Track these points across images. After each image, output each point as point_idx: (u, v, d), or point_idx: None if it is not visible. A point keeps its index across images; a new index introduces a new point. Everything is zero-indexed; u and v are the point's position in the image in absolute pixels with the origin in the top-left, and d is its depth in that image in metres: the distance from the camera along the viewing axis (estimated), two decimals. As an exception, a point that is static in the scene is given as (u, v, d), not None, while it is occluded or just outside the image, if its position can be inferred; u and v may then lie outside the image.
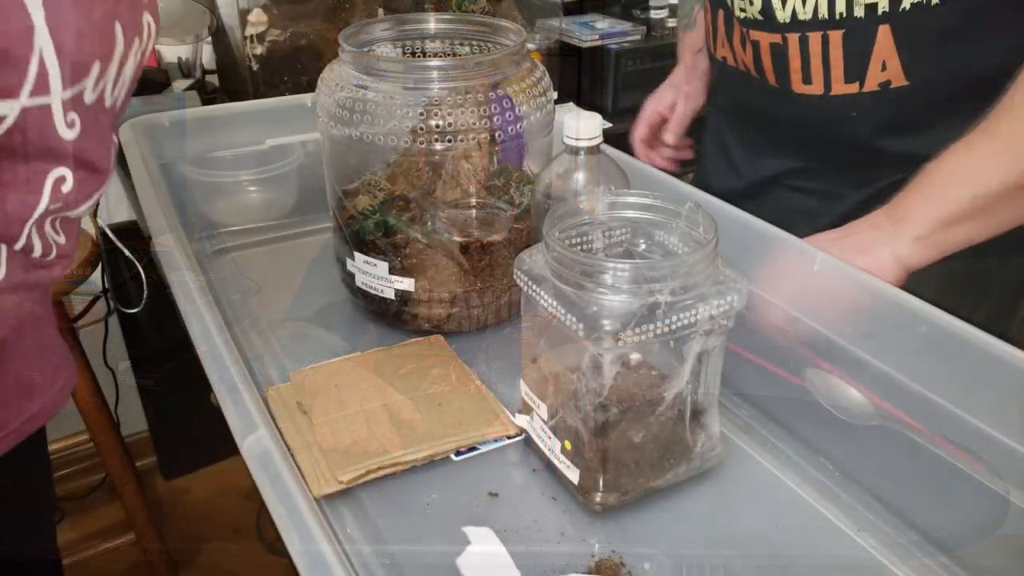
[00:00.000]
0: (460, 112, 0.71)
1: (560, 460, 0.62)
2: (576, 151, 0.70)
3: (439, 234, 0.76)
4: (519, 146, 0.79)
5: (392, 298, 0.79)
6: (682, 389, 0.59)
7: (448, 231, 0.76)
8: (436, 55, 0.87)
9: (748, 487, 0.64)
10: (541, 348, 0.62)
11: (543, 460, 0.64)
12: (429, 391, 0.71)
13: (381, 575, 0.55)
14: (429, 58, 0.86)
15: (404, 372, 0.74)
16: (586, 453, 0.60)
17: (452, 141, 0.72)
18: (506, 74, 0.74)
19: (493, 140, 0.74)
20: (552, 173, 0.72)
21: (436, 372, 0.74)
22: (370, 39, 0.83)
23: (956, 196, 0.66)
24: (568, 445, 0.61)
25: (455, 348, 0.78)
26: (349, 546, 0.57)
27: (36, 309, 0.55)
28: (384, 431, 0.66)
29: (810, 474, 0.65)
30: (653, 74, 1.67)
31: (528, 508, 0.61)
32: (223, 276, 0.93)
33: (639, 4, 1.85)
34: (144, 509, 1.40)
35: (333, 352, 0.77)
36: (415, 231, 0.76)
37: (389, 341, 0.79)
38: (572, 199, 0.65)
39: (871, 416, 0.61)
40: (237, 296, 0.88)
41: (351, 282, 0.82)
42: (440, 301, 0.78)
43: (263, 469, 0.49)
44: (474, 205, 0.77)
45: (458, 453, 0.65)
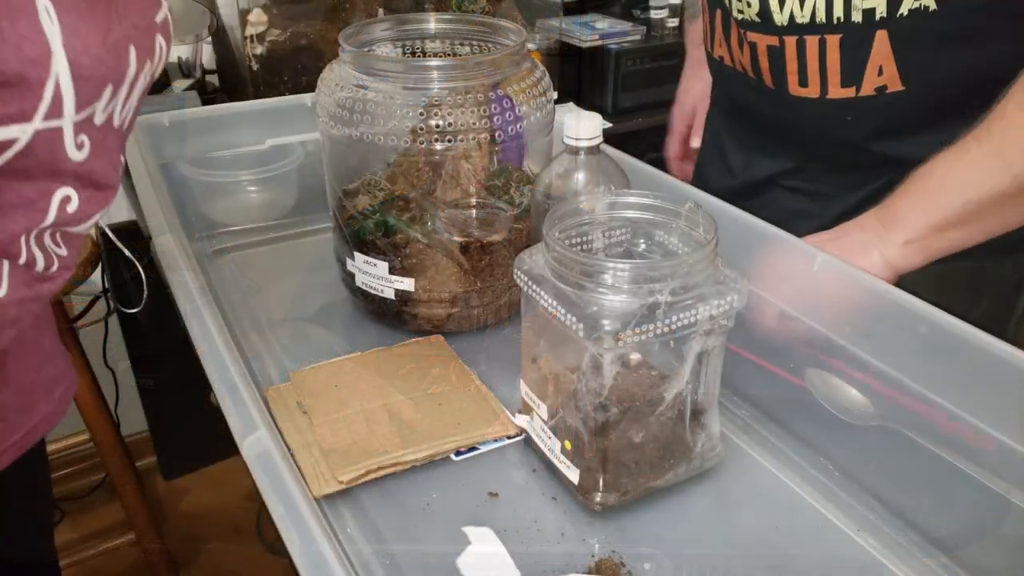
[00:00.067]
0: (460, 112, 0.71)
1: (560, 460, 0.62)
2: (576, 151, 0.70)
3: (439, 234, 0.76)
4: (519, 146, 0.79)
5: (392, 298, 0.79)
6: (682, 389, 0.59)
7: (448, 231, 0.76)
8: (436, 55, 0.87)
9: (748, 487, 0.64)
10: (541, 348, 0.62)
11: (543, 460, 0.64)
12: (429, 391, 0.71)
13: (381, 575, 0.55)
14: (429, 58, 0.86)
15: (404, 372, 0.74)
16: (586, 453, 0.59)
17: (452, 141, 0.72)
18: (506, 74, 0.74)
19: (493, 140, 0.74)
20: (552, 173, 0.72)
21: (436, 372, 0.74)
22: (370, 39, 0.83)
23: (947, 202, 0.66)
24: (568, 445, 0.61)
25: (455, 348, 0.78)
26: (349, 546, 0.57)
27: (36, 319, 0.55)
28: (384, 431, 0.66)
29: (810, 474, 0.65)
30: (653, 74, 1.68)
31: (528, 508, 0.61)
32: (223, 276, 0.93)
33: (639, 4, 1.85)
34: (144, 509, 1.40)
35: (333, 352, 0.77)
36: (415, 231, 0.76)
37: (389, 341, 0.79)
38: (572, 199, 0.65)
39: (871, 416, 0.61)
40: (237, 296, 0.88)
41: (351, 282, 0.82)
42: (440, 301, 0.78)
43: (263, 469, 0.49)
44: (474, 205, 0.77)
45: (458, 453, 0.65)
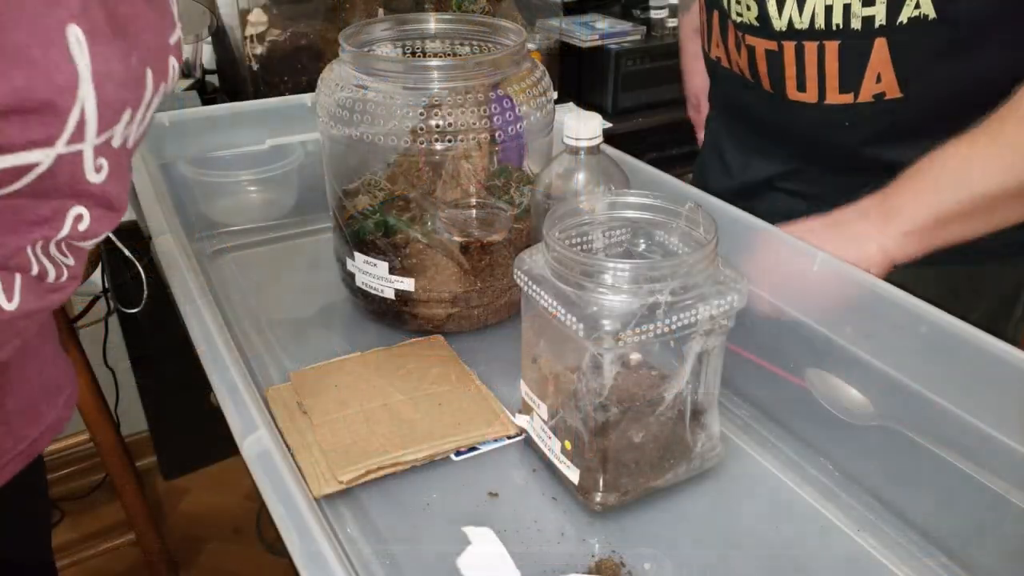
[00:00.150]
0: (460, 112, 0.71)
1: (560, 460, 0.62)
2: (576, 151, 0.70)
3: (439, 234, 0.76)
4: (519, 146, 0.79)
5: (392, 298, 0.79)
6: (682, 389, 0.59)
7: (448, 231, 0.76)
8: (436, 55, 0.87)
9: (748, 487, 0.64)
10: (541, 348, 0.62)
11: (543, 460, 0.64)
12: (429, 391, 0.71)
13: (381, 575, 0.55)
14: (429, 58, 0.86)
15: (404, 372, 0.74)
16: (586, 453, 0.59)
17: (452, 141, 0.72)
18: (506, 74, 0.74)
19: (493, 140, 0.74)
20: (552, 173, 0.72)
21: (436, 372, 0.74)
22: (370, 39, 0.83)
23: (952, 195, 0.65)
24: (568, 445, 0.61)
25: (455, 348, 0.78)
26: (349, 546, 0.57)
27: (39, 327, 0.55)
28: (384, 431, 0.66)
29: (810, 474, 0.65)
30: (653, 74, 1.67)
31: (528, 508, 0.61)
32: (223, 276, 0.93)
33: (639, 4, 1.85)
34: (144, 509, 1.40)
35: (333, 352, 0.77)
36: (415, 231, 0.76)
37: (389, 341, 0.79)
38: (572, 199, 0.65)
39: (871, 416, 0.61)
40: (237, 296, 0.88)
41: (351, 282, 0.82)
42: (440, 301, 0.78)
43: (263, 469, 0.49)
44: (474, 205, 0.77)
45: (458, 453, 0.65)
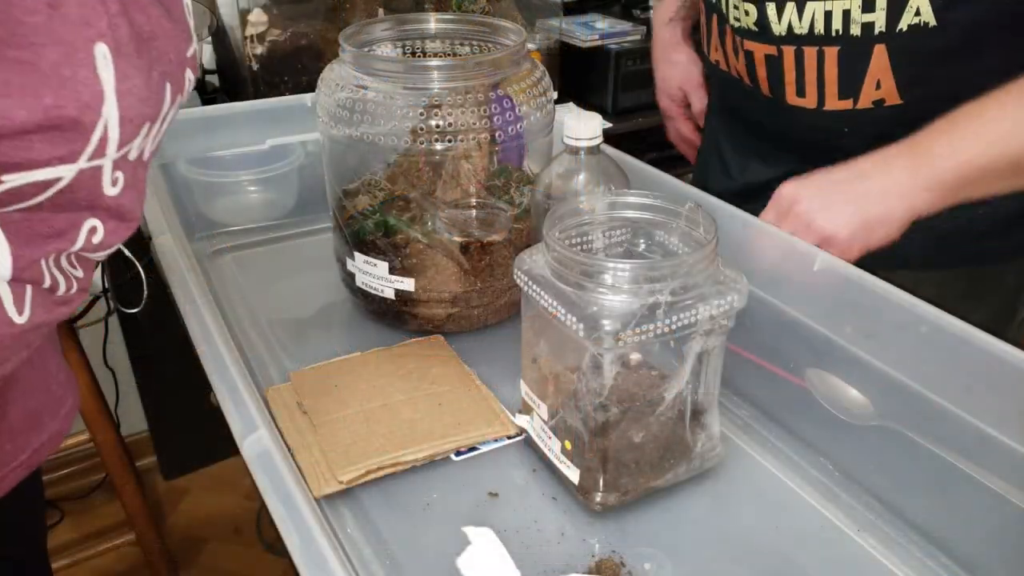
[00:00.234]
0: (460, 112, 0.71)
1: (560, 460, 0.62)
2: (576, 151, 0.70)
3: (439, 234, 0.76)
4: (519, 146, 0.79)
5: (392, 298, 0.79)
6: (682, 389, 0.59)
7: (448, 231, 0.76)
8: (436, 55, 0.87)
9: (748, 487, 0.64)
10: (541, 348, 0.62)
11: (543, 460, 0.64)
12: (429, 391, 0.71)
13: (381, 575, 0.55)
14: (429, 58, 0.86)
15: (404, 372, 0.74)
16: (586, 453, 0.59)
17: (452, 141, 0.72)
18: (506, 74, 0.74)
19: (493, 140, 0.74)
20: (552, 173, 0.72)
21: (436, 372, 0.74)
22: (370, 39, 0.83)
23: (989, 150, 0.60)
24: (568, 445, 0.61)
25: (455, 348, 0.78)
26: (349, 546, 0.57)
27: (44, 340, 0.55)
28: (384, 431, 0.66)
29: (810, 474, 0.65)
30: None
31: (528, 508, 0.61)
32: (223, 276, 0.93)
33: (639, 4, 1.85)
34: (144, 509, 1.40)
35: (333, 352, 0.77)
36: (415, 231, 0.76)
37: (389, 341, 0.79)
38: (572, 199, 0.65)
39: (871, 416, 0.61)
40: (237, 296, 0.88)
41: (351, 282, 0.82)
42: (440, 301, 0.78)
43: (263, 469, 0.49)
44: (474, 205, 0.77)
45: (458, 453, 0.65)
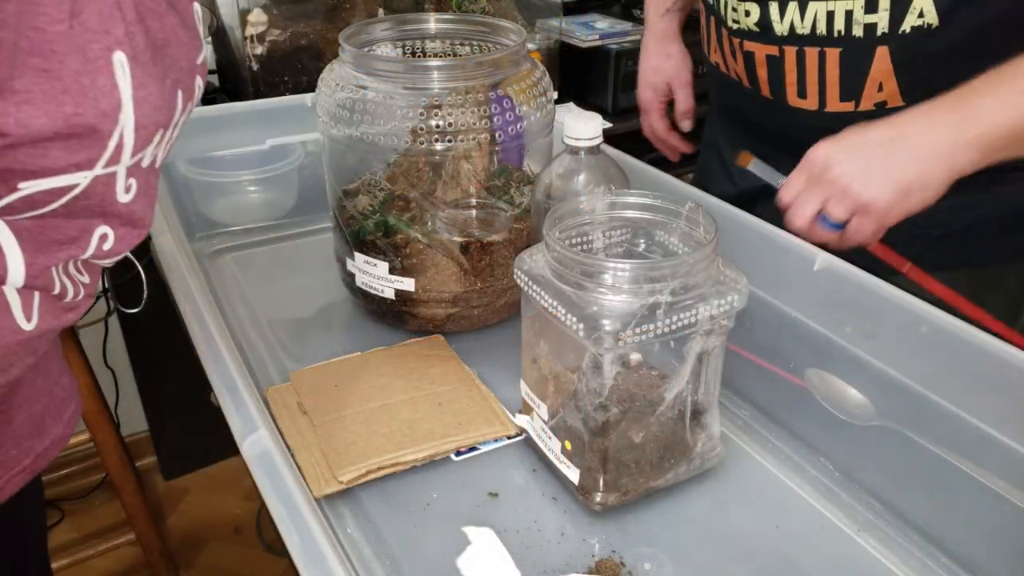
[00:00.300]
0: (460, 112, 0.71)
1: (560, 460, 0.62)
2: (576, 151, 0.70)
3: (439, 234, 0.76)
4: (519, 146, 0.79)
5: (392, 298, 0.79)
6: (682, 389, 0.59)
7: (448, 231, 0.76)
8: (436, 55, 0.87)
9: (748, 487, 0.64)
10: (541, 348, 0.62)
11: (543, 460, 0.64)
12: (429, 391, 0.71)
13: (381, 575, 0.55)
14: (429, 58, 0.86)
15: (404, 372, 0.74)
16: (586, 453, 0.59)
17: (452, 141, 0.72)
18: (506, 74, 0.74)
19: (493, 140, 0.74)
20: (552, 173, 0.72)
21: (436, 372, 0.74)
22: (370, 39, 0.83)
23: None
24: (568, 445, 0.61)
25: (455, 348, 0.78)
26: (349, 546, 0.57)
27: (49, 345, 0.55)
28: (384, 431, 0.66)
29: (810, 474, 0.65)
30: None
31: (528, 508, 0.61)
32: (223, 276, 0.93)
33: (639, 4, 1.84)
34: (144, 509, 1.40)
35: (333, 352, 0.77)
36: (415, 231, 0.76)
37: (389, 341, 0.79)
38: (572, 199, 0.65)
39: (871, 416, 0.61)
40: (237, 296, 0.88)
41: (351, 282, 0.82)
42: (440, 301, 0.78)
43: (263, 469, 0.49)
44: (474, 205, 0.77)
45: (458, 453, 0.65)
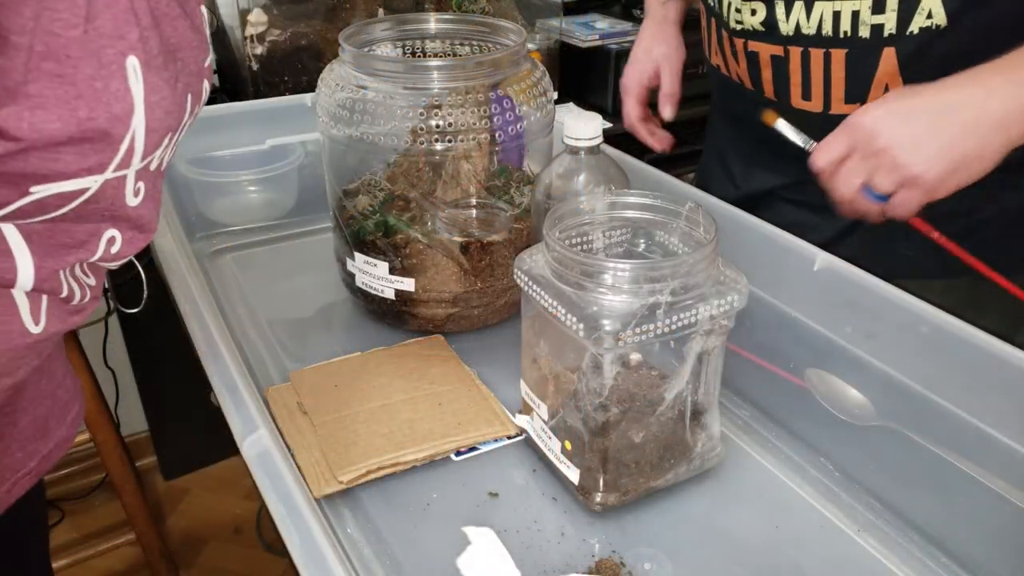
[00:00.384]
0: (460, 112, 0.71)
1: (560, 460, 0.62)
2: (576, 151, 0.70)
3: (439, 234, 0.76)
4: (519, 146, 0.79)
5: (392, 298, 0.79)
6: (682, 389, 0.59)
7: (448, 231, 0.76)
8: (436, 55, 0.87)
9: (748, 487, 0.64)
10: (541, 348, 0.62)
11: (543, 460, 0.64)
12: (429, 391, 0.71)
13: (381, 575, 0.55)
14: (429, 58, 0.86)
15: (404, 372, 0.74)
16: (586, 453, 0.59)
17: (452, 141, 0.72)
18: (506, 74, 0.74)
19: (493, 140, 0.74)
20: (552, 173, 0.72)
21: (436, 372, 0.74)
22: (370, 39, 0.83)
23: None
24: (568, 445, 0.61)
25: (455, 348, 0.78)
26: (349, 546, 0.57)
27: (53, 347, 0.55)
28: (384, 431, 0.66)
29: (810, 474, 0.65)
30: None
31: (528, 508, 0.61)
32: (223, 276, 0.93)
33: (639, 4, 1.84)
34: (144, 509, 1.40)
35: (333, 352, 0.77)
36: (415, 231, 0.76)
37: (389, 341, 0.79)
38: (572, 199, 0.65)
39: (871, 416, 0.61)
40: (237, 296, 0.88)
41: (351, 282, 0.82)
42: (440, 301, 0.78)
43: (263, 469, 0.49)
44: (474, 205, 0.77)
45: (458, 453, 0.65)
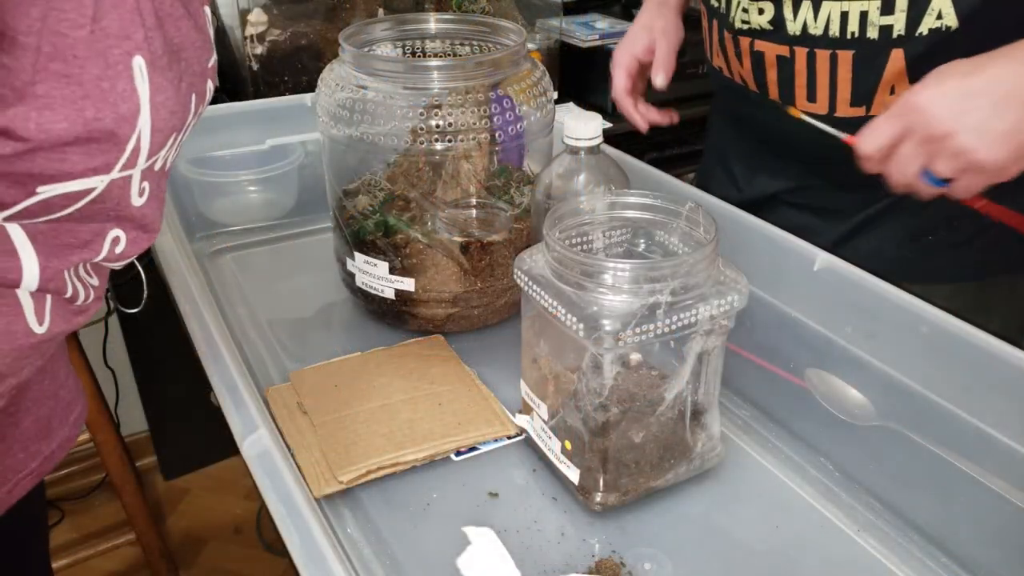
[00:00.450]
0: (460, 112, 0.71)
1: (560, 460, 0.62)
2: (576, 151, 0.70)
3: (439, 234, 0.76)
4: (519, 146, 0.79)
5: (392, 298, 0.79)
6: (682, 389, 0.59)
7: (448, 231, 0.76)
8: (436, 55, 0.87)
9: (748, 487, 0.64)
10: (541, 348, 0.62)
11: (543, 460, 0.64)
12: (429, 391, 0.71)
13: (381, 575, 0.55)
14: (429, 58, 0.86)
15: (404, 372, 0.74)
16: (586, 453, 0.59)
17: (452, 141, 0.72)
18: (506, 74, 0.74)
19: (493, 140, 0.74)
20: (552, 173, 0.72)
21: (436, 372, 0.74)
22: (370, 39, 0.83)
23: None
24: (568, 445, 0.61)
25: (455, 348, 0.78)
26: (349, 546, 0.57)
27: (56, 348, 0.55)
28: (384, 431, 0.66)
29: (810, 474, 0.65)
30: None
31: (528, 508, 0.61)
32: (223, 276, 0.93)
33: (639, 4, 1.84)
34: (144, 509, 1.40)
35: (333, 352, 0.77)
36: (415, 231, 0.76)
37: (389, 341, 0.79)
38: (572, 199, 0.65)
39: (871, 416, 0.61)
40: (237, 296, 0.88)
41: (351, 282, 0.82)
42: (440, 301, 0.78)
43: (263, 469, 0.49)
44: (474, 205, 0.77)
45: (458, 453, 0.65)
